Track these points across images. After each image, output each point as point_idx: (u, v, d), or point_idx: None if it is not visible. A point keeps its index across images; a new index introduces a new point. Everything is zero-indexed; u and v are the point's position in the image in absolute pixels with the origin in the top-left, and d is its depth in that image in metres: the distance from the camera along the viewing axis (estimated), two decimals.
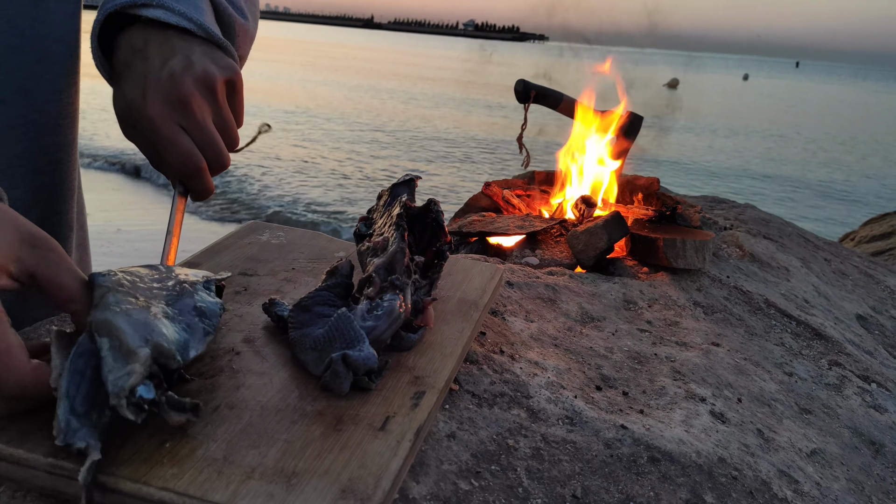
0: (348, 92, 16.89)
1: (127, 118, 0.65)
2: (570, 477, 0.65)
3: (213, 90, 0.64)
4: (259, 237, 0.93)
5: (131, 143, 0.68)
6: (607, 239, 1.31)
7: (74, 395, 0.47)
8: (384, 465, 0.50)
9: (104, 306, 0.51)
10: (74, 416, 0.46)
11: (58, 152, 0.77)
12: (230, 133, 0.67)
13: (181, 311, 0.56)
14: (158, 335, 0.51)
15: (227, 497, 0.45)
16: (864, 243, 2.86)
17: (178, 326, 0.55)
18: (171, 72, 0.63)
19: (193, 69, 0.63)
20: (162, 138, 0.63)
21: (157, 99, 0.62)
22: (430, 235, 0.77)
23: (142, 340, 0.49)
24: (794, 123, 20.42)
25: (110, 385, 0.46)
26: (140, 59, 0.64)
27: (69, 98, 0.77)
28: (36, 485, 0.48)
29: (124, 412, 0.46)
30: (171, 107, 0.63)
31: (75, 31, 0.76)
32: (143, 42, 0.65)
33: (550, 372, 0.83)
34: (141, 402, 0.46)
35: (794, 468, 0.80)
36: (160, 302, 0.56)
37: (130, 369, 0.47)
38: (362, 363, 0.58)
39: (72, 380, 0.47)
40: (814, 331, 1.24)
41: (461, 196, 7.08)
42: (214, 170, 0.66)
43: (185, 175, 0.66)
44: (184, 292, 0.59)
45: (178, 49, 0.64)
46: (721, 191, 9.19)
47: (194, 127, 0.64)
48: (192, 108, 0.63)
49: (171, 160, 0.64)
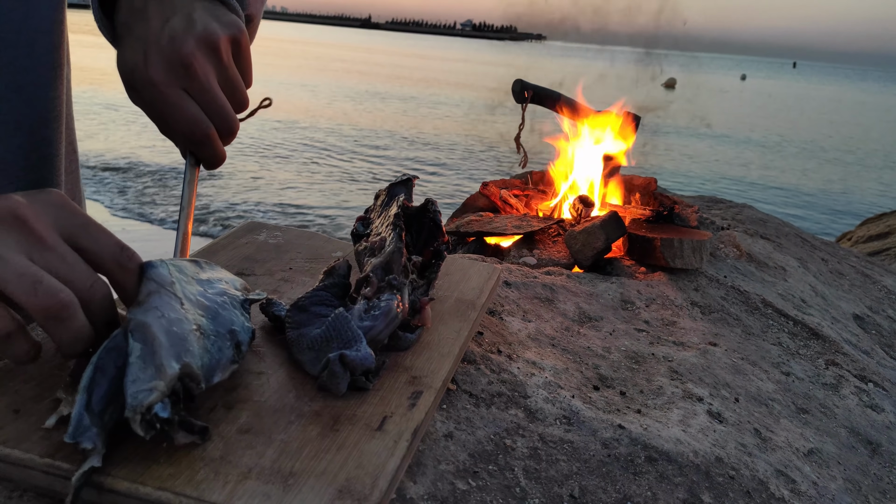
0: (355, 104, 16.09)
1: (130, 83, 0.62)
2: (567, 477, 0.65)
3: (217, 50, 0.61)
4: (256, 237, 0.93)
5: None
6: (605, 239, 1.32)
7: (93, 391, 0.47)
8: (381, 466, 0.50)
9: (148, 308, 0.50)
10: (88, 413, 0.46)
11: (47, 147, 0.77)
12: (238, 95, 0.64)
13: (217, 332, 0.55)
14: (191, 356, 0.50)
15: (223, 497, 0.45)
16: (861, 243, 2.87)
17: (212, 348, 0.53)
18: (171, 33, 0.59)
19: (195, 29, 0.60)
20: (166, 104, 0.60)
21: (158, 62, 0.59)
22: (427, 235, 0.77)
23: (175, 357, 0.49)
24: (795, 124, 20.42)
25: (129, 396, 0.45)
26: (140, 19, 0.61)
27: (55, 91, 0.77)
28: (32, 485, 0.48)
29: (135, 427, 0.45)
30: (173, 70, 0.59)
31: (60, 23, 0.75)
32: (144, 1, 0.62)
33: (548, 372, 0.83)
34: (154, 419, 0.46)
35: (791, 468, 0.80)
36: (201, 313, 0.55)
37: (154, 386, 0.46)
38: (359, 363, 0.58)
39: (94, 375, 0.47)
40: (811, 330, 1.24)
41: (459, 196, 7.08)
42: (223, 135, 0.63)
43: (194, 142, 0.62)
44: (224, 308, 0.58)
45: (179, 7, 0.61)
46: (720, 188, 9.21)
47: (199, 90, 0.60)
48: (194, 70, 0.59)
49: (177, 127, 0.61)
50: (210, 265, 0.62)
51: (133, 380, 0.46)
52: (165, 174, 7.67)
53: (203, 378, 0.51)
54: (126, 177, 7.68)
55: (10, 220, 0.47)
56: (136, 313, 0.50)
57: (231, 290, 0.61)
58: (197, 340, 0.52)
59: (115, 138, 9.45)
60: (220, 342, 0.55)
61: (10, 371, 0.56)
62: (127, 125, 10.22)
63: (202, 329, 0.53)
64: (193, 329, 0.52)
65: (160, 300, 0.52)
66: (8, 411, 0.51)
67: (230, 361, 0.55)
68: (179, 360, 0.49)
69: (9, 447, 0.48)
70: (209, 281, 0.59)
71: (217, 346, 0.54)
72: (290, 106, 13.14)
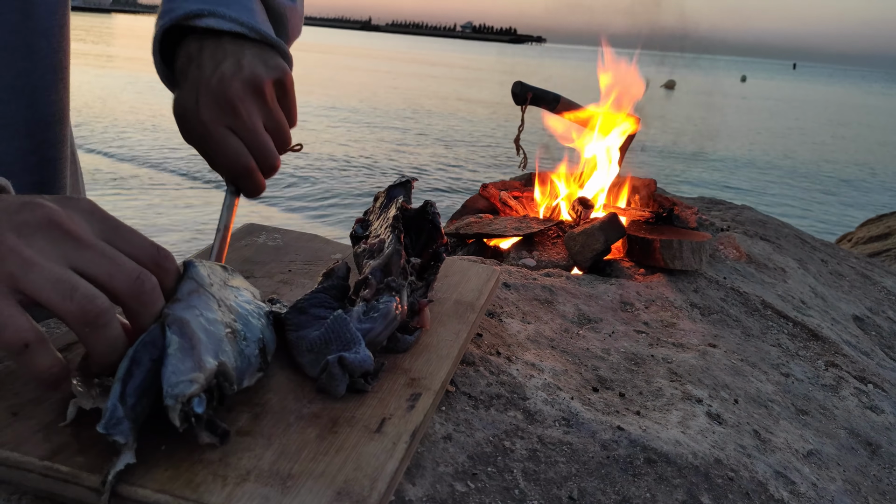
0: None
1: (183, 123, 0.67)
2: (566, 478, 0.65)
3: (262, 93, 0.66)
4: (255, 239, 0.93)
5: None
6: (604, 240, 1.32)
7: (128, 383, 0.47)
8: (380, 468, 0.50)
9: (187, 305, 0.51)
10: (122, 404, 0.46)
11: (49, 150, 0.77)
12: (281, 134, 0.68)
13: (248, 339, 0.56)
14: (227, 356, 0.51)
15: (222, 499, 0.45)
16: (860, 244, 2.87)
17: (245, 351, 0.55)
18: (220, 76, 0.64)
19: (242, 73, 0.65)
20: (212, 141, 0.65)
21: (208, 103, 0.64)
22: (426, 237, 0.77)
23: (212, 354, 0.50)
24: (795, 126, 20.33)
25: (169, 386, 0.46)
26: (195, 66, 0.66)
27: (57, 94, 0.77)
28: (31, 488, 0.48)
29: (173, 416, 0.46)
30: (221, 110, 0.64)
31: (60, 26, 0.75)
32: (198, 49, 0.67)
33: (547, 373, 0.83)
34: (190, 412, 0.46)
35: (790, 469, 0.80)
36: (233, 318, 0.56)
37: (195, 377, 0.47)
38: (358, 365, 0.58)
39: (130, 367, 0.47)
40: (810, 332, 1.24)
41: (459, 198, 7.07)
42: (265, 170, 0.68)
43: (235, 175, 0.67)
44: (253, 317, 0.59)
45: (230, 53, 0.66)
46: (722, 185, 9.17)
47: (243, 129, 0.65)
48: (240, 111, 0.64)
49: (221, 161, 0.66)
50: (234, 273, 0.63)
51: (172, 371, 0.47)
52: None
53: (236, 382, 0.52)
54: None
55: (46, 226, 0.46)
56: (175, 309, 0.50)
57: (255, 300, 0.62)
58: (231, 343, 0.53)
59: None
60: (250, 348, 0.56)
61: (9, 373, 0.56)
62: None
63: (235, 333, 0.54)
64: (228, 332, 0.53)
65: (199, 300, 0.52)
66: (6, 414, 0.51)
67: (257, 369, 0.56)
68: (216, 357, 0.50)
69: (7, 450, 0.47)
70: (237, 288, 0.60)
71: (248, 351, 0.55)
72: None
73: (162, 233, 5.67)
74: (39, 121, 0.75)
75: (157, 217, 6.36)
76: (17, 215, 0.46)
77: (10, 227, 0.45)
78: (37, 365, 0.45)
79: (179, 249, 4.94)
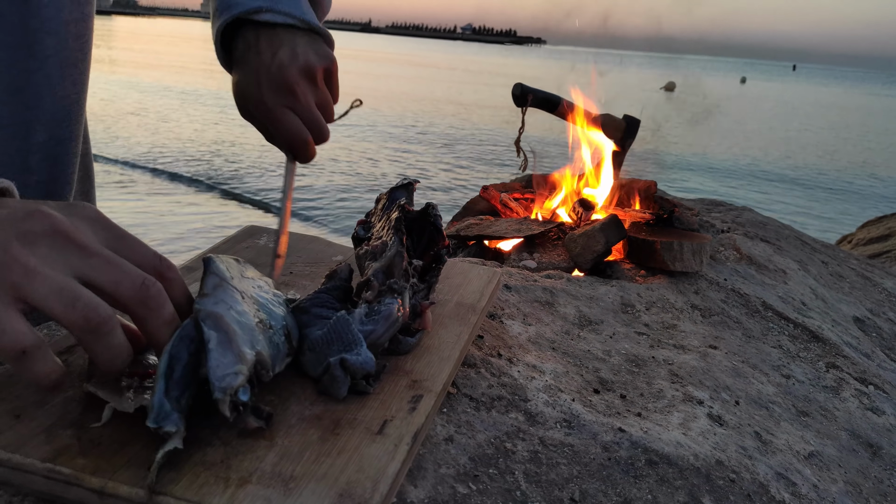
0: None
1: (243, 103, 0.76)
2: (567, 480, 0.65)
3: (314, 77, 0.75)
4: (256, 241, 0.93)
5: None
6: (605, 242, 1.32)
7: (170, 377, 0.48)
8: (382, 469, 0.50)
9: (216, 300, 0.53)
10: (168, 398, 0.48)
11: (55, 147, 0.77)
12: (328, 110, 0.79)
13: (273, 327, 0.58)
14: (261, 345, 0.54)
15: (224, 501, 0.45)
16: (861, 246, 2.87)
17: (274, 339, 0.57)
18: (279, 63, 0.73)
19: (298, 60, 0.74)
20: (274, 119, 0.74)
21: (268, 86, 0.73)
22: (427, 239, 0.77)
23: (249, 345, 0.52)
24: (796, 128, 20.28)
25: (217, 379, 0.48)
26: (253, 53, 0.75)
27: (64, 91, 0.77)
28: (33, 489, 0.48)
29: (224, 408, 0.48)
30: (280, 93, 0.73)
31: (67, 23, 0.75)
32: (255, 38, 0.76)
33: (548, 375, 0.83)
34: (238, 402, 0.49)
35: (791, 471, 0.80)
36: (257, 308, 0.58)
37: (239, 370, 0.49)
38: (360, 367, 0.58)
39: (170, 363, 0.49)
40: (811, 333, 1.24)
41: (459, 199, 7.06)
42: (318, 141, 0.77)
43: (294, 147, 0.76)
44: (274, 305, 0.61)
45: (285, 42, 0.75)
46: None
47: (301, 109, 0.74)
48: (297, 93, 0.74)
49: (282, 136, 0.75)
50: (247, 264, 0.64)
51: (216, 365, 0.49)
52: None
53: (271, 368, 0.54)
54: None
55: (51, 235, 0.47)
56: (206, 304, 0.52)
57: (272, 289, 0.65)
58: (262, 332, 0.55)
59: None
60: (277, 335, 0.58)
61: (11, 376, 0.56)
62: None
63: (262, 322, 0.57)
64: (257, 322, 0.56)
65: (225, 293, 0.54)
66: (9, 416, 0.51)
67: (286, 354, 0.59)
68: (253, 347, 0.52)
69: (9, 452, 0.48)
70: (253, 279, 0.62)
71: (276, 339, 0.58)
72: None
73: (154, 235, 5.67)
74: (42, 120, 0.75)
75: (153, 221, 6.37)
76: (22, 224, 0.46)
77: (16, 235, 0.45)
78: (35, 371, 0.45)
79: (179, 253, 4.95)
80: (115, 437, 0.50)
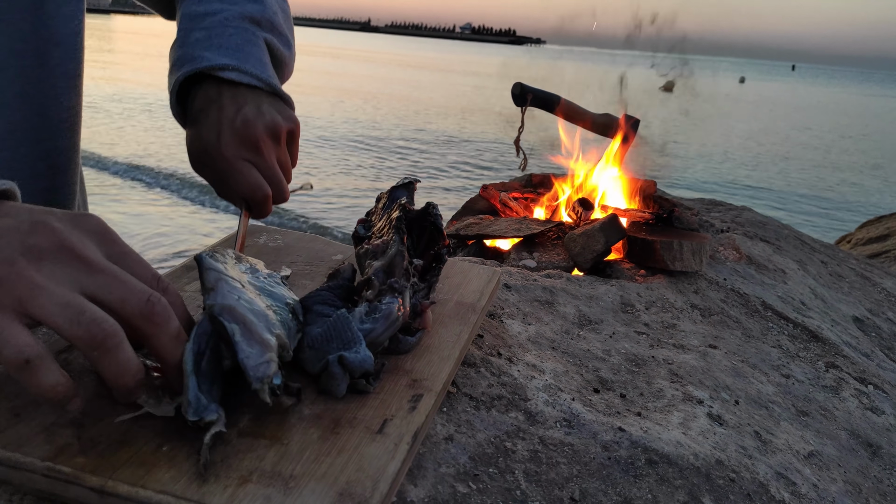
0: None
1: (200, 156, 0.74)
2: (567, 479, 0.65)
3: (279, 137, 0.75)
4: (256, 240, 0.93)
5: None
6: (604, 241, 1.32)
7: (199, 373, 0.50)
8: (382, 468, 0.50)
9: (223, 293, 0.54)
10: (202, 392, 0.50)
11: (58, 156, 0.78)
12: (288, 171, 0.79)
13: (278, 307, 0.60)
14: (277, 328, 0.55)
15: (224, 500, 0.45)
16: (860, 245, 2.87)
17: (284, 320, 0.59)
18: (244, 118, 0.72)
19: (264, 118, 0.74)
20: (235, 172, 0.72)
21: (231, 140, 0.72)
22: (427, 238, 0.77)
23: (268, 332, 0.54)
24: (796, 129, 20.20)
25: (252, 370, 0.50)
26: (216, 107, 0.74)
27: (69, 102, 0.77)
28: (33, 488, 0.48)
29: (264, 396, 0.50)
30: (244, 147, 0.72)
31: (75, 35, 0.76)
32: (217, 94, 0.74)
33: (548, 374, 0.83)
34: (274, 388, 0.51)
35: (791, 470, 0.80)
36: (258, 293, 0.59)
37: (269, 357, 0.51)
38: (358, 365, 0.58)
39: (196, 359, 0.50)
40: (811, 333, 1.24)
41: (459, 198, 7.04)
42: (278, 199, 0.76)
43: (255, 201, 0.74)
44: (272, 286, 0.63)
45: (249, 100, 0.74)
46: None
47: (263, 165, 0.73)
48: (261, 149, 0.73)
49: (242, 190, 0.73)
50: (229, 252, 0.65)
51: (247, 356, 0.50)
52: None
53: (289, 347, 0.56)
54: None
55: (57, 251, 0.46)
56: (216, 298, 0.53)
57: (264, 270, 0.66)
58: (273, 316, 0.57)
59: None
60: (284, 314, 0.60)
61: None
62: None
63: (269, 305, 0.58)
64: (265, 307, 0.57)
65: (227, 286, 0.55)
66: (9, 414, 0.51)
67: (296, 331, 0.60)
68: (272, 332, 0.54)
69: (9, 450, 0.47)
70: (244, 264, 0.64)
71: (284, 317, 0.59)
72: None
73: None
74: (49, 128, 0.76)
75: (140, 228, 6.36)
76: (27, 238, 0.46)
77: (21, 250, 0.45)
78: (40, 382, 0.45)
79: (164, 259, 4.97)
80: (114, 436, 0.50)
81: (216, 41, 0.76)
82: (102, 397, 0.54)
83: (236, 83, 0.75)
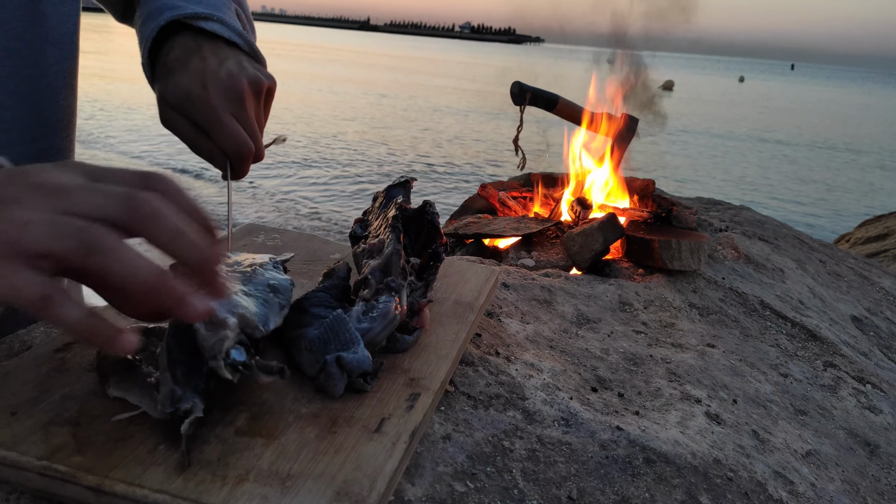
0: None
1: (182, 104, 0.71)
2: (565, 478, 0.65)
3: (260, 92, 0.74)
4: (254, 239, 0.93)
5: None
6: (603, 240, 1.32)
7: (174, 367, 0.51)
8: (379, 467, 0.50)
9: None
10: (177, 385, 0.51)
11: (54, 156, 0.78)
12: (261, 129, 0.77)
13: (257, 288, 0.61)
14: (242, 308, 0.56)
15: (221, 499, 0.45)
16: (858, 245, 2.87)
17: (257, 301, 0.60)
18: (228, 71, 0.71)
19: (247, 72, 0.72)
20: (220, 124, 0.70)
21: (216, 90, 0.70)
22: (425, 237, 0.77)
23: (228, 313, 0.54)
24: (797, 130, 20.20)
25: (206, 350, 0.51)
26: (197, 58, 0.72)
27: (65, 101, 0.77)
28: (29, 487, 0.48)
29: (222, 372, 0.50)
30: (229, 99, 0.70)
31: (71, 34, 0.76)
32: (197, 46, 0.73)
33: (546, 373, 0.83)
34: (235, 363, 0.51)
35: (789, 469, 0.80)
36: (236, 283, 0.61)
37: (223, 335, 0.52)
38: (356, 365, 0.58)
39: (169, 355, 0.52)
40: (809, 332, 1.24)
41: (457, 198, 7.04)
42: (255, 157, 0.75)
43: (238, 157, 0.72)
44: (256, 272, 0.64)
45: (230, 55, 0.73)
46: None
47: (246, 118, 0.72)
48: (245, 102, 0.71)
49: (226, 144, 0.71)
50: (233, 253, 0.69)
51: (203, 339, 0.51)
52: None
53: (260, 324, 0.57)
54: None
55: (34, 189, 0.45)
56: None
57: (258, 260, 0.68)
58: (241, 298, 0.58)
59: None
60: (263, 295, 0.61)
61: (7, 373, 0.56)
62: None
63: (244, 291, 0.60)
64: (235, 292, 0.58)
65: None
66: (5, 413, 0.51)
67: (279, 307, 0.61)
68: (233, 313, 0.55)
69: (5, 449, 0.47)
70: (235, 262, 0.66)
71: (262, 299, 0.60)
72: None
73: None
74: (44, 127, 0.75)
75: None
76: (5, 189, 0.44)
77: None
78: (67, 316, 0.42)
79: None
80: (110, 434, 0.50)
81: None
82: (98, 396, 0.54)
83: (215, 37, 0.73)
